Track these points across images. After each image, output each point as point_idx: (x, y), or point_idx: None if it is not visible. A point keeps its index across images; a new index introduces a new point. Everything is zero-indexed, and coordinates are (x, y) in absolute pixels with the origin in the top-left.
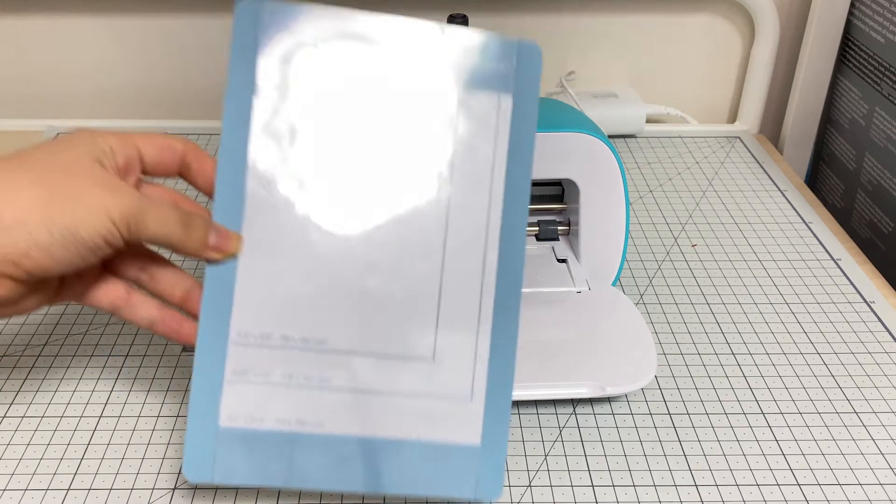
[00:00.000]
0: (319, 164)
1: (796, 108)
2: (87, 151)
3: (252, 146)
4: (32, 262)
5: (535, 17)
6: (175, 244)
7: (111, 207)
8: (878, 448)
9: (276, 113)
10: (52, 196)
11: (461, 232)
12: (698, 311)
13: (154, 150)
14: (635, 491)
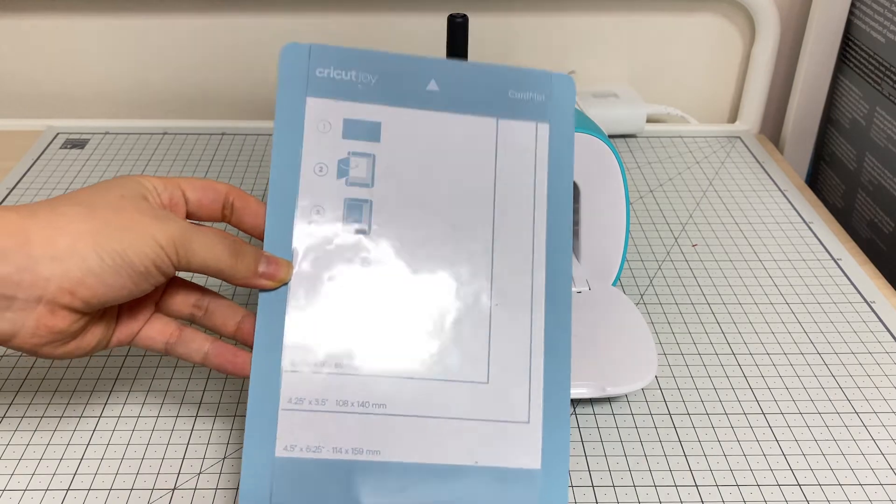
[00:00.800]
0: (366, 199)
1: (797, 108)
2: (132, 189)
3: (302, 182)
4: (88, 290)
5: (535, 17)
6: (225, 271)
7: (158, 234)
8: (878, 448)
9: (325, 148)
10: (103, 226)
11: (507, 257)
12: (699, 311)
13: (196, 191)
14: (636, 491)
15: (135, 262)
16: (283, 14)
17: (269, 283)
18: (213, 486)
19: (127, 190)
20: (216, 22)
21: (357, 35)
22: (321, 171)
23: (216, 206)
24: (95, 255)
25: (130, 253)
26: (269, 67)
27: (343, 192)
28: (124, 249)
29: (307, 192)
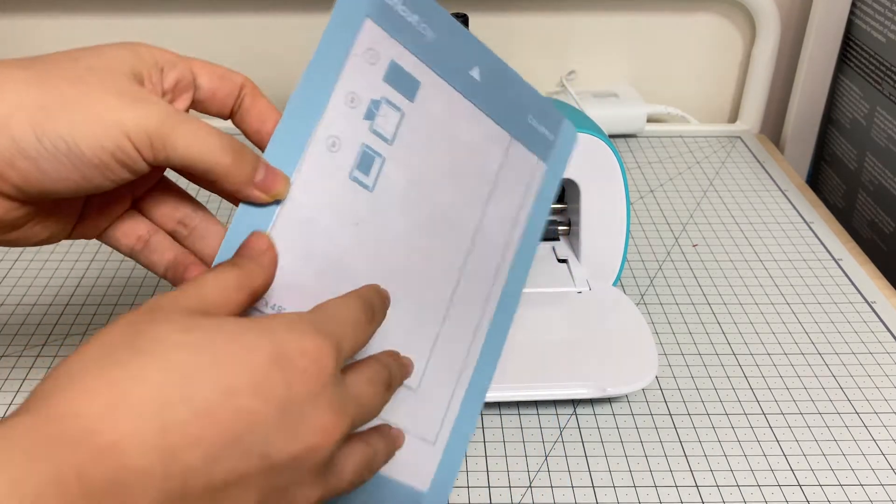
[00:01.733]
0: (381, 155)
1: (797, 108)
2: (120, 62)
3: (330, 104)
4: (19, 176)
5: (535, 17)
6: (215, 171)
7: (127, 120)
8: (879, 448)
9: (363, 81)
10: (49, 100)
11: (474, 277)
12: (699, 311)
13: (212, 79)
14: (636, 492)
15: (84, 152)
16: (283, 14)
17: (261, 195)
18: None
19: (113, 61)
20: (216, 22)
21: None
22: (352, 102)
23: (229, 101)
24: (31, 134)
25: (79, 139)
26: (269, 67)
27: (364, 136)
28: (72, 134)
29: (331, 119)
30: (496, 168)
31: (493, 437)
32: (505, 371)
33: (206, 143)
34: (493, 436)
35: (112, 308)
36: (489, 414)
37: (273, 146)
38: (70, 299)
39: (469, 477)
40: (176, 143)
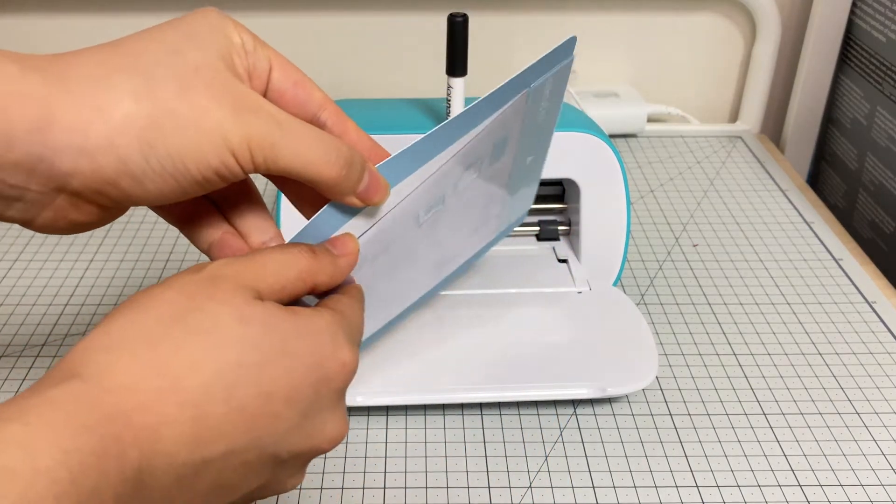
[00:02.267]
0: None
1: (798, 108)
2: (215, 48)
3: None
4: (120, 192)
5: (535, 17)
6: (319, 185)
7: (232, 134)
8: (879, 449)
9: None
10: (157, 115)
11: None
12: (699, 312)
13: (287, 80)
14: (636, 492)
15: (191, 170)
16: (283, 14)
17: (357, 202)
18: None
19: (208, 48)
20: None
21: (358, 34)
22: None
23: (299, 111)
24: (140, 155)
25: (187, 158)
26: None
27: (446, 189)
28: (180, 153)
29: (437, 164)
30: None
31: (493, 437)
32: (505, 371)
33: (311, 156)
34: (493, 436)
35: (111, 308)
36: (489, 414)
37: (396, 158)
38: (70, 299)
39: (469, 477)
40: (278, 157)
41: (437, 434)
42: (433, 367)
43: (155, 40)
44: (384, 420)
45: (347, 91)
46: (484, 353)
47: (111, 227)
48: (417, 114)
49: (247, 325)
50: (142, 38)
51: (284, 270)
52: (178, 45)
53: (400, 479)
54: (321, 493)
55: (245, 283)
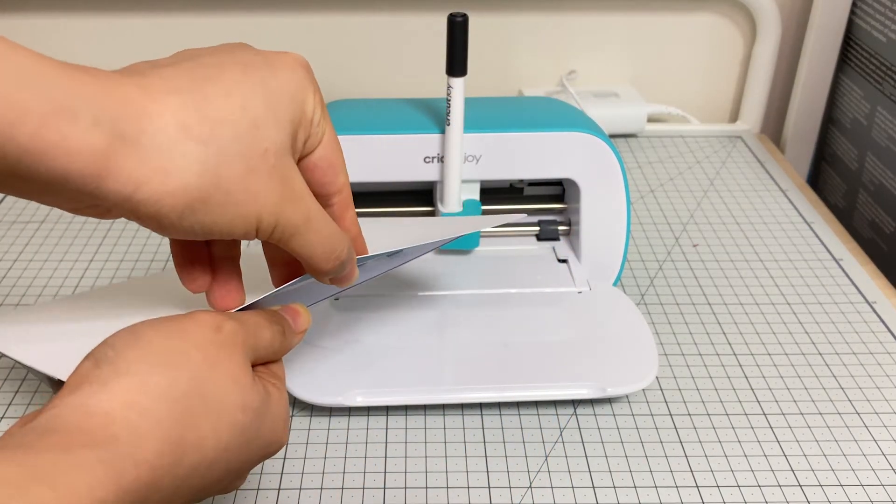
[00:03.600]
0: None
1: (798, 108)
2: (289, 122)
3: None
4: (143, 223)
5: (535, 17)
6: (313, 269)
7: (267, 218)
8: (879, 449)
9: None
10: (212, 191)
11: None
12: (699, 312)
13: (325, 158)
14: (636, 492)
15: (215, 235)
16: (283, 13)
17: (329, 283)
18: None
19: (283, 124)
20: (216, 22)
21: (357, 34)
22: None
23: (319, 189)
24: (176, 216)
25: (216, 228)
26: None
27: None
28: (211, 224)
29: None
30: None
31: (493, 438)
32: (505, 371)
33: (318, 249)
34: (493, 436)
35: None
36: (489, 414)
37: (369, 263)
38: None
39: (469, 477)
40: (292, 242)
41: (437, 434)
42: (433, 367)
43: (232, 98)
44: (384, 420)
45: (347, 91)
46: (484, 353)
47: (111, 227)
48: (417, 114)
49: (244, 412)
50: (225, 91)
51: (270, 344)
52: (258, 112)
53: (400, 479)
54: (321, 493)
55: (247, 351)
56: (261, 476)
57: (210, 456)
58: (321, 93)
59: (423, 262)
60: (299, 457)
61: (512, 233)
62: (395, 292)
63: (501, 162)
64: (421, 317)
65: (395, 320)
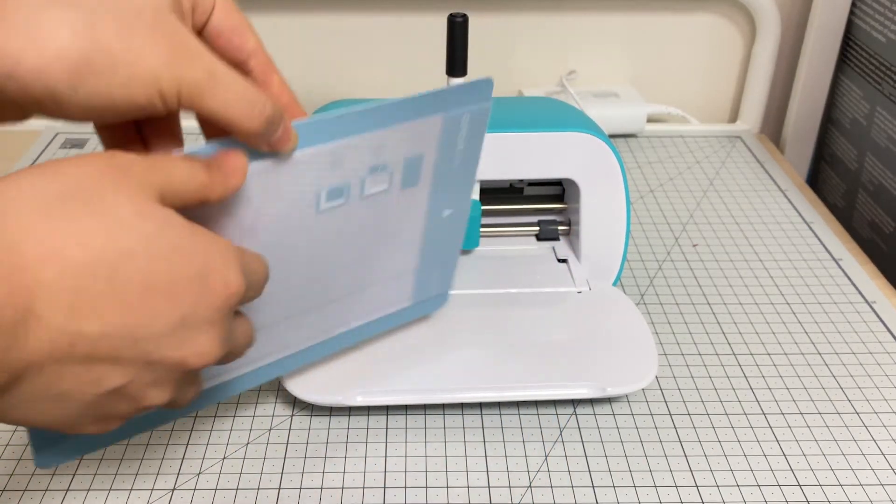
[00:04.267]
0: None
1: (797, 108)
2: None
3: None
4: (45, 111)
5: (535, 16)
6: (238, 132)
7: (164, 78)
8: (879, 449)
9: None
10: (91, 52)
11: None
12: (699, 311)
13: (225, 23)
14: (636, 492)
15: (117, 105)
16: (283, 13)
17: (265, 148)
18: (212, 487)
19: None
20: None
21: (357, 34)
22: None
23: (231, 55)
24: (69, 86)
25: (115, 96)
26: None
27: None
28: (109, 90)
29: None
30: (389, 274)
31: (493, 437)
32: (505, 371)
33: (235, 109)
34: (493, 436)
35: None
36: (489, 414)
37: (310, 122)
38: None
39: (469, 477)
40: (204, 103)
41: (437, 434)
42: (433, 366)
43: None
44: (384, 420)
45: (347, 91)
46: (484, 353)
47: None
48: None
49: (144, 220)
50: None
51: (187, 181)
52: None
53: (400, 479)
54: (321, 493)
55: (151, 183)
56: (261, 476)
57: (108, 258)
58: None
59: None
60: (299, 456)
61: (512, 233)
62: None
63: (501, 162)
64: (420, 316)
65: None
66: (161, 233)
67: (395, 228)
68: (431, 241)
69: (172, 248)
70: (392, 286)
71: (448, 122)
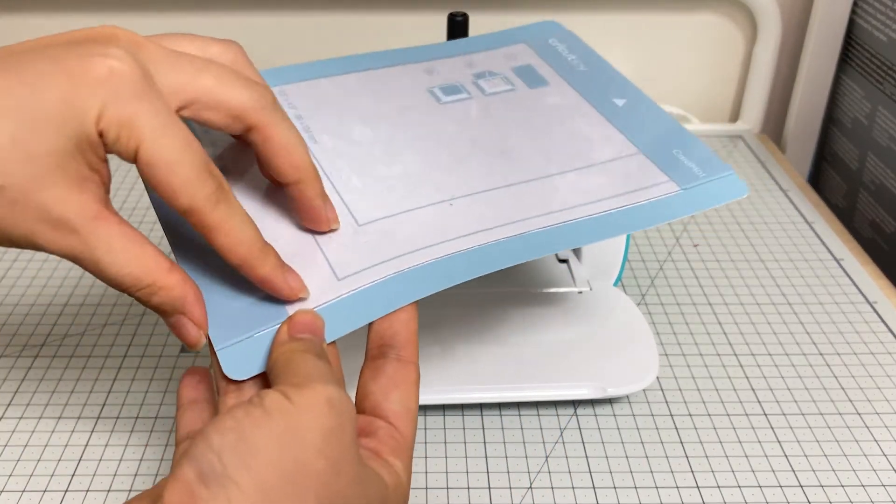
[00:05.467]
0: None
1: (798, 107)
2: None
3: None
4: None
5: (536, 16)
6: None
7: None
8: (880, 449)
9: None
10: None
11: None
12: (700, 312)
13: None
14: (637, 493)
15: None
16: (283, 13)
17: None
18: None
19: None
20: (216, 21)
21: (358, 33)
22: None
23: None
24: None
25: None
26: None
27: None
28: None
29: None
30: (600, 158)
31: (494, 438)
32: (505, 371)
33: (120, 271)
34: (493, 436)
35: (111, 308)
36: (489, 414)
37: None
38: (69, 299)
39: (469, 478)
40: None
41: (437, 434)
42: (433, 367)
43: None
44: None
45: None
46: (484, 353)
47: None
48: None
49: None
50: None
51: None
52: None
53: None
54: None
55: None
56: None
57: None
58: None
59: None
60: None
61: None
62: None
63: None
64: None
65: None
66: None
67: (561, 117)
68: (631, 127)
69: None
70: (617, 169)
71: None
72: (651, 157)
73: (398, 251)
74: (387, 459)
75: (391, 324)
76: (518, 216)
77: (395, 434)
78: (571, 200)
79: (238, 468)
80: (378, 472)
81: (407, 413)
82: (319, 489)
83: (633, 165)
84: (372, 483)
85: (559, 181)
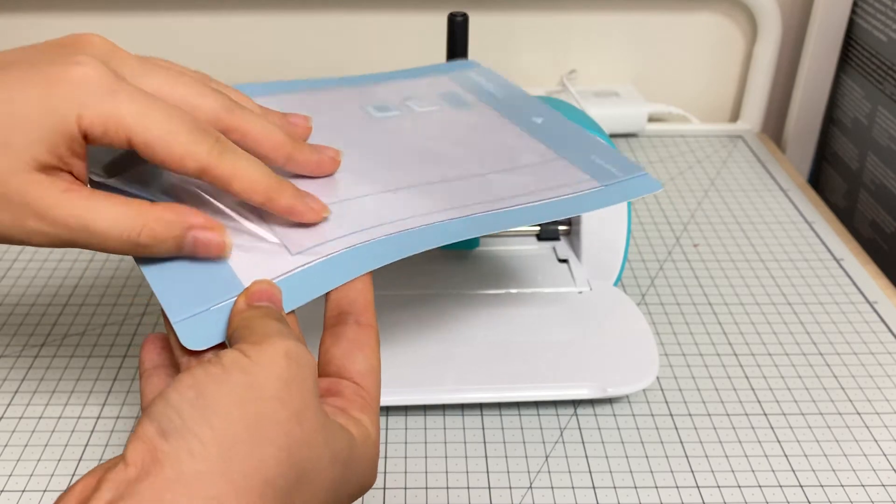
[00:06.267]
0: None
1: (799, 107)
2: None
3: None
4: None
5: (536, 16)
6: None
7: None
8: (880, 449)
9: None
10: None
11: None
12: (700, 312)
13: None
14: (637, 492)
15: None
16: (283, 13)
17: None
18: None
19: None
20: (216, 21)
21: (357, 33)
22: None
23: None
24: None
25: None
26: (269, 66)
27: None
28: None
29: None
30: (527, 162)
31: (493, 438)
32: (505, 371)
33: (112, 233)
34: (493, 436)
35: (111, 308)
36: (489, 414)
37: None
38: (69, 299)
39: (469, 478)
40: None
41: (437, 434)
42: (433, 366)
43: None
44: (384, 420)
45: None
46: (484, 353)
47: None
48: None
49: (333, 466)
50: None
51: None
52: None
53: (400, 480)
54: None
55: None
56: None
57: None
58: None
59: (423, 262)
60: None
61: (512, 233)
62: (394, 292)
63: None
64: (421, 316)
65: (394, 320)
66: (340, 477)
67: (486, 132)
68: (551, 139)
69: (341, 486)
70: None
71: (454, 77)
72: (572, 161)
73: (348, 230)
74: (353, 415)
75: (347, 293)
76: (459, 203)
77: (361, 392)
78: (506, 193)
79: (198, 421)
80: (344, 426)
81: (372, 372)
82: (281, 438)
83: (557, 167)
84: (337, 434)
85: (493, 178)
